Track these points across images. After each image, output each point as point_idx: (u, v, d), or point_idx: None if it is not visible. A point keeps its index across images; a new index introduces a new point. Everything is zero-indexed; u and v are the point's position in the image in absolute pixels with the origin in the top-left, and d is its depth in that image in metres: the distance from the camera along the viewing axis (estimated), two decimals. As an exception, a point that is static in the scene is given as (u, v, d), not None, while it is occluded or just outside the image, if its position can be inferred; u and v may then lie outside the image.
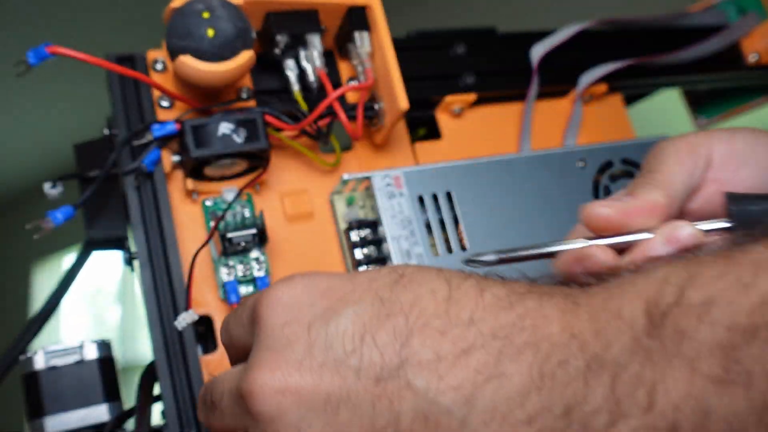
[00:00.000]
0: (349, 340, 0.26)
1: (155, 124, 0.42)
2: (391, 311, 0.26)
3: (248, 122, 0.43)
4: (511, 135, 0.53)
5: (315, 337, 0.26)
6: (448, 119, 0.53)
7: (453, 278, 0.27)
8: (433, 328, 0.25)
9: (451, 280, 0.27)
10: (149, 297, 0.42)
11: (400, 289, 0.27)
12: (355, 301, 0.27)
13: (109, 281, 2.93)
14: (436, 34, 0.54)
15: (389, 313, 0.26)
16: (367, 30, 0.46)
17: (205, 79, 0.40)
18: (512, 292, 0.26)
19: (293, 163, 0.47)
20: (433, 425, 0.24)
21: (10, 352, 0.43)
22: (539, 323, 0.24)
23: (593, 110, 0.56)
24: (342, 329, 0.26)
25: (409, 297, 0.26)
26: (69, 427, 0.40)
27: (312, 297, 0.27)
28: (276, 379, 0.25)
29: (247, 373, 0.26)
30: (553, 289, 0.26)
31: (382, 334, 0.25)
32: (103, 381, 0.41)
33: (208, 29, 0.40)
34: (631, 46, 0.57)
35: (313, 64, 0.45)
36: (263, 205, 0.46)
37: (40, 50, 0.38)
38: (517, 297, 0.25)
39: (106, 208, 0.44)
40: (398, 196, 0.44)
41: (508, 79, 0.54)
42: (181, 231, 0.43)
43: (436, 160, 0.50)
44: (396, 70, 0.44)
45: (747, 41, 0.62)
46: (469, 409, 0.24)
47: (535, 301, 0.25)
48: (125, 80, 0.45)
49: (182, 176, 0.44)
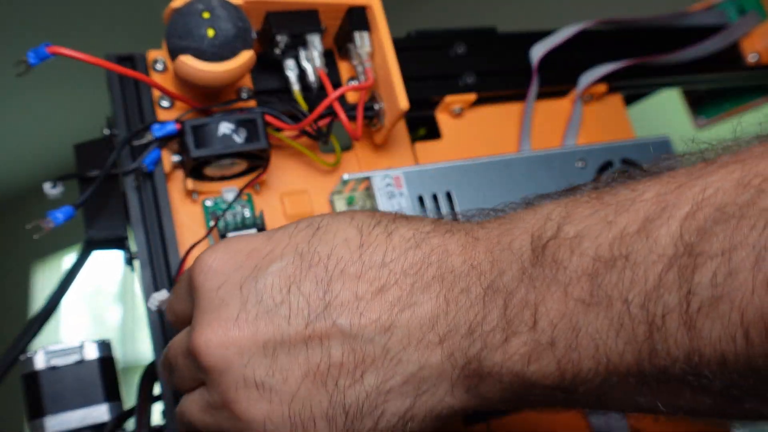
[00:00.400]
0: (277, 293, 0.29)
1: (155, 124, 0.42)
2: (311, 263, 0.29)
3: (248, 122, 0.43)
4: (511, 135, 0.53)
5: (247, 294, 0.29)
6: (448, 119, 0.53)
7: (363, 225, 0.30)
8: (350, 273, 0.28)
9: (362, 228, 0.30)
10: (149, 297, 0.41)
11: (317, 241, 0.29)
12: (278, 258, 0.29)
13: (109, 281, 2.93)
14: (436, 34, 0.54)
15: (310, 264, 0.29)
16: (367, 30, 0.46)
17: (205, 79, 0.40)
18: (417, 232, 0.29)
19: (293, 163, 0.47)
20: (360, 352, 0.27)
21: (10, 352, 0.43)
22: (444, 258, 0.28)
23: (593, 110, 0.56)
24: (270, 284, 0.29)
25: (326, 248, 0.29)
26: (69, 427, 0.40)
27: (238, 260, 0.30)
28: (218, 335, 0.28)
29: (193, 334, 0.29)
30: (454, 225, 0.29)
31: (306, 284, 0.28)
32: (103, 381, 0.41)
33: (208, 29, 0.40)
34: (631, 46, 0.57)
35: (313, 64, 0.45)
36: (263, 205, 0.46)
37: (40, 50, 0.38)
38: (422, 236, 0.29)
39: (106, 208, 0.44)
40: (398, 196, 0.44)
41: (508, 79, 0.54)
42: (181, 231, 0.43)
43: (436, 160, 0.50)
44: (396, 70, 0.44)
45: (747, 41, 0.62)
46: (389, 337, 0.27)
47: (439, 239, 0.28)
48: (125, 80, 0.45)
49: (182, 176, 0.44)
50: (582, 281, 0.24)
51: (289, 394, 0.28)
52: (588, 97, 0.56)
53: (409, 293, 0.27)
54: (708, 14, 0.63)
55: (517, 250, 0.26)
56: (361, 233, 0.29)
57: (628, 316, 0.23)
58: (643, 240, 0.23)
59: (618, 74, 0.55)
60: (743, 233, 0.21)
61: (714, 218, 0.22)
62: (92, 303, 2.95)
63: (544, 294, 0.25)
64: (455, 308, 0.27)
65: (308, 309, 0.28)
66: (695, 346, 0.22)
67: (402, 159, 0.49)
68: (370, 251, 0.29)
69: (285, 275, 0.29)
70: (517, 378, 0.26)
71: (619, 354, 0.23)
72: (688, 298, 0.21)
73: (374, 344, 0.27)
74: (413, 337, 0.27)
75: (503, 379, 0.26)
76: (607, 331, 0.23)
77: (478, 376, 0.27)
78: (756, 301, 0.20)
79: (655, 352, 0.22)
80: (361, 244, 0.29)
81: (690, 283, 0.21)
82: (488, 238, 0.28)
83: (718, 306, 0.21)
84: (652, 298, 0.22)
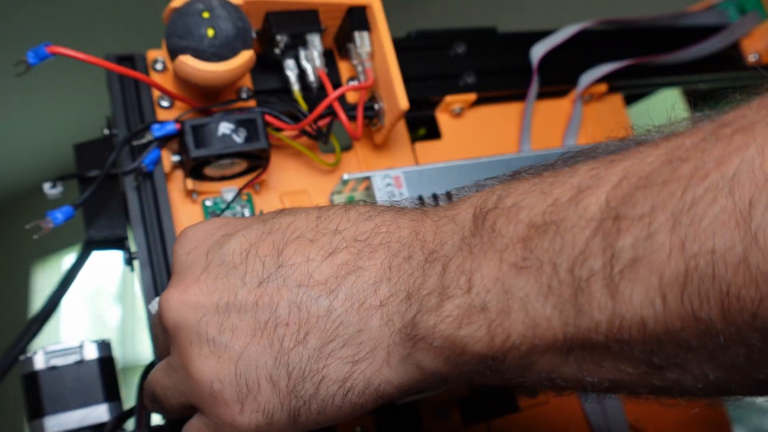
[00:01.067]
0: (237, 256, 0.30)
1: (155, 124, 0.42)
2: (271, 230, 0.31)
3: (248, 122, 0.43)
4: (511, 135, 0.53)
5: (211, 258, 0.31)
6: (448, 119, 0.53)
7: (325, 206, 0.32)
8: (304, 239, 0.30)
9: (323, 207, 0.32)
10: (149, 297, 0.42)
11: (281, 215, 0.32)
12: (245, 228, 0.32)
13: (109, 281, 2.93)
14: (436, 34, 0.54)
15: (270, 231, 0.31)
16: (367, 30, 0.46)
17: (205, 79, 0.40)
18: (373, 209, 0.31)
19: (293, 163, 0.47)
20: (305, 312, 0.29)
21: (10, 352, 0.43)
22: (392, 229, 0.29)
23: (593, 110, 0.56)
24: (232, 249, 0.31)
25: (288, 219, 0.31)
26: (69, 427, 0.40)
27: (211, 230, 0.33)
28: (179, 293, 0.31)
29: (163, 294, 0.31)
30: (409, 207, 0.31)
31: (263, 248, 0.30)
32: (103, 381, 0.41)
33: (208, 29, 0.40)
34: (631, 46, 0.57)
35: (313, 64, 0.45)
36: (263, 205, 0.46)
37: (40, 50, 0.38)
38: (377, 212, 0.30)
39: (106, 208, 0.44)
40: (398, 196, 0.44)
41: (508, 79, 0.54)
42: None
43: (436, 160, 0.50)
44: (396, 70, 0.44)
45: (747, 41, 0.62)
46: (334, 297, 0.28)
47: (392, 214, 0.30)
48: (125, 80, 0.45)
49: (182, 176, 0.44)
50: (516, 247, 0.25)
51: (236, 352, 0.29)
52: (588, 97, 0.56)
53: (356, 257, 0.29)
54: (708, 14, 0.63)
55: (460, 222, 0.28)
56: (321, 209, 0.31)
57: (556, 280, 0.24)
58: (573, 207, 0.24)
59: (618, 74, 0.55)
60: (663, 198, 0.22)
61: (637, 185, 0.22)
62: (92, 303, 2.95)
63: (480, 260, 0.26)
64: (397, 274, 0.28)
65: (262, 270, 0.30)
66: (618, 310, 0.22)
67: (402, 159, 0.49)
68: (326, 222, 0.30)
69: (246, 241, 0.31)
70: (449, 342, 0.26)
71: (547, 318, 0.24)
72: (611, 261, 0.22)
73: (319, 305, 0.28)
74: (356, 300, 0.28)
75: (435, 343, 0.27)
76: (537, 294, 0.24)
77: (412, 341, 0.27)
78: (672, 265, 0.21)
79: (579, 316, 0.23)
80: (318, 215, 0.31)
81: (613, 248, 0.22)
82: (436, 212, 0.29)
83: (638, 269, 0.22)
84: (578, 262, 0.23)
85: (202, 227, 0.34)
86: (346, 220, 0.30)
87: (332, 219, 0.30)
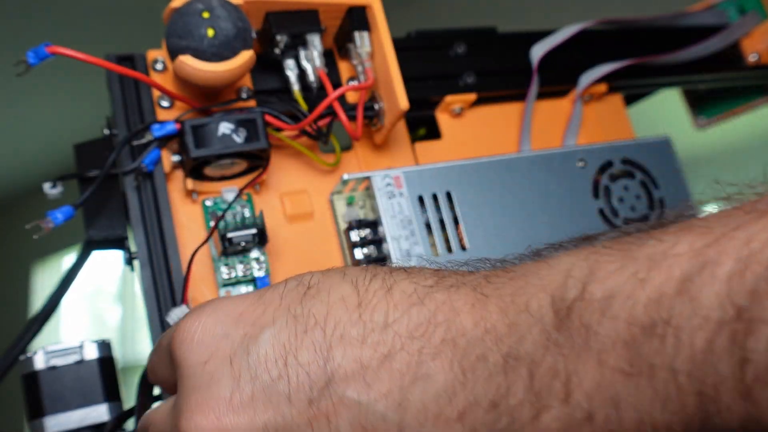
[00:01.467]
0: (272, 365, 0.25)
1: (155, 124, 0.42)
2: (307, 326, 0.26)
3: (248, 122, 0.43)
4: (511, 135, 0.53)
5: (239, 369, 0.26)
6: (448, 119, 0.53)
7: (359, 280, 0.27)
8: (351, 337, 0.25)
9: (358, 283, 0.27)
10: (149, 297, 0.41)
11: (310, 300, 0.26)
12: (270, 323, 0.26)
13: (109, 281, 2.93)
14: (436, 34, 0.54)
15: (306, 328, 0.26)
16: (367, 30, 0.46)
17: (205, 79, 0.40)
18: (419, 286, 0.26)
19: (293, 163, 0.47)
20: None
21: (10, 352, 0.43)
22: (452, 317, 0.25)
23: (593, 110, 0.56)
24: (263, 355, 0.26)
25: (322, 309, 0.26)
26: (69, 427, 0.40)
27: (225, 327, 0.27)
28: (210, 421, 0.25)
29: (180, 418, 0.26)
30: (458, 279, 0.26)
31: (303, 353, 0.25)
32: (103, 381, 0.41)
33: (208, 29, 0.40)
34: (631, 46, 0.57)
35: (313, 64, 0.45)
36: (263, 205, 0.46)
37: (40, 50, 0.38)
38: (425, 291, 0.26)
39: (106, 208, 0.44)
40: (398, 196, 0.44)
41: (508, 79, 0.54)
42: (181, 231, 0.43)
43: (436, 160, 0.50)
44: (396, 70, 0.44)
45: (747, 41, 0.62)
46: (403, 413, 0.24)
47: (443, 294, 0.25)
48: (125, 80, 0.45)
49: (182, 176, 0.44)
50: (617, 348, 0.21)
51: None
52: (588, 97, 0.55)
53: (418, 360, 0.24)
54: (708, 14, 0.63)
55: (536, 312, 0.23)
56: (358, 290, 0.26)
57: (674, 386, 0.21)
58: (685, 302, 0.21)
59: (618, 74, 0.55)
60: None
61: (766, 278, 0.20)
62: (92, 303, 2.95)
63: (575, 363, 0.22)
64: (473, 379, 0.24)
65: (309, 383, 0.25)
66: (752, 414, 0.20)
67: (402, 159, 0.49)
68: (370, 310, 0.26)
69: (279, 344, 0.26)
70: None
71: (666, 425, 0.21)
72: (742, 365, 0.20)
73: (387, 422, 0.24)
74: (429, 413, 0.24)
75: None
76: (652, 402, 0.21)
77: None
78: None
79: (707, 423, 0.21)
80: (359, 302, 0.26)
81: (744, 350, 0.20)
82: (499, 296, 0.25)
83: None
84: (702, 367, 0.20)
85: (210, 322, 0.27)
86: (394, 308, 0.25)
87: (376, 306, 0.26)
